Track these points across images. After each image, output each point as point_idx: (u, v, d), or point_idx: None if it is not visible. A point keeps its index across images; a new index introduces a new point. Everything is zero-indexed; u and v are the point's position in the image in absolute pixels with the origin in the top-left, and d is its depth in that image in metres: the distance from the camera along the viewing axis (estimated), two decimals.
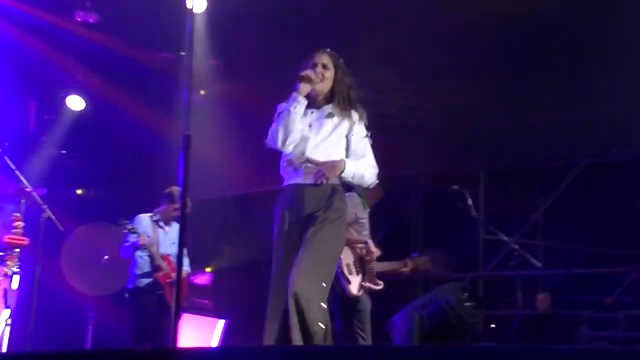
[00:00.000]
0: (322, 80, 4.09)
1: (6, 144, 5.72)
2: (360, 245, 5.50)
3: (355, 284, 5.36)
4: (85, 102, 8.32)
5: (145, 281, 6.50)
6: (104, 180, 9.26)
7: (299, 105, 4.01)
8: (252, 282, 8.18)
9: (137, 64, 7.78)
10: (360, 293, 5.38)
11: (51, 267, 7.39)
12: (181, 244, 3.15)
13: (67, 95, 8.29)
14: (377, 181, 4.24)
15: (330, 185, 3.98)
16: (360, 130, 4.15)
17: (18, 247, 5.23)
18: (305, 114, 4.08)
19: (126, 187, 9.04)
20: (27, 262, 5.55)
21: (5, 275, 5.23)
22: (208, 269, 9.87)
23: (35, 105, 8.70)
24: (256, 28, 7.22)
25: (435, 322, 6.37)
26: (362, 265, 5.47)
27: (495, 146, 8.89)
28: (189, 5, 3.53)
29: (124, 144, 8.83)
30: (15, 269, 5.25)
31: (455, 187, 7.06)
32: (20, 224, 5.35)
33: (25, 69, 7.98)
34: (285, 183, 4.10)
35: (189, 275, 7.08)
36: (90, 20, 7.32)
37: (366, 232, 5.59)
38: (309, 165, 4.01)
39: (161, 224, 6.68)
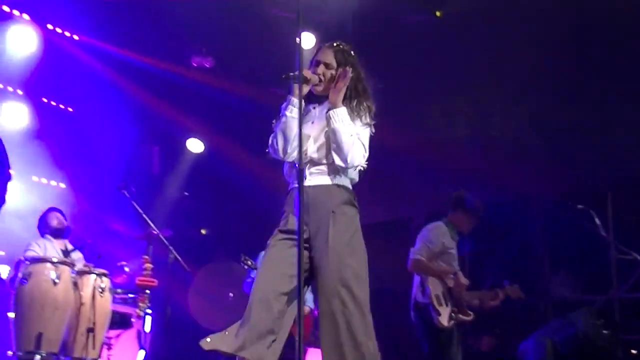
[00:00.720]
0: (322, 81, 3.69)
1: (133, 189, 5.94)
2: (450, 275, 5.41)
3: (445, 315, 5.29)
4: (204, 144, 8.59)
5: None
6: (225, 219, 9.47)
7: (295, 108, 3.57)
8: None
9: (251, 103, 7.97)
10: (450, 324, 5.28)
11: (180, 306, 7.60)
12: (300, 278, 3.12)
13: (188, 138, 8.59)
14: (364, 166, 3.67)
15: (335, 187, 3.60)
16: (356, 117, 3.65)
17: (148, 289, 5.40)
18: (308, 111, 3.72)
19: (246, 225, 9.21)
20: (158, 303, 5.72)
21: (138, 316, 5.41)
22: None
23: (158, 150, 9.06)
24: (363, 62, 7.26)
25: (569, 348, 6.13)
26: (451, 295, 5.37)
27: (622, 161, 8.51)
28: (298, 41, 3.55)
29: (243, 183, 9.03)
30: (147, 310, 5.42)
31: (580, 206, 6.76)
32: (149, 265, 5.53)
33: (148, 115, 8.35)
34: (290, 186, 3.73)
35: (312, 310, 7.09)
36: (206, 65, 7.58)
37: (455, 263, 5.49)
38: (313, 166, 3.63)
39: None
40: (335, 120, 3.56)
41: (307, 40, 7.09)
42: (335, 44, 3.79)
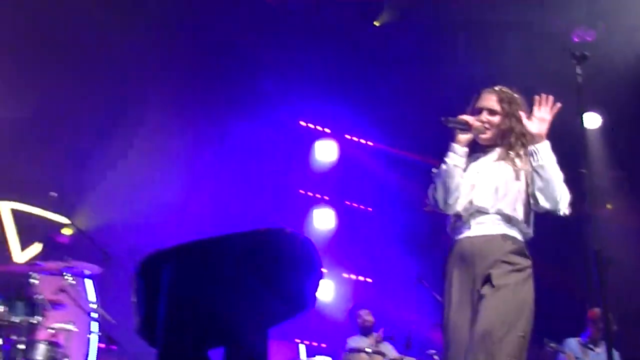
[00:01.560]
0: (488, 129, 3.45)
1: (430, 279, 6.26)
2: None
3: None
4: None
5: None
6: None
7: (458, 157, 3.38)
8: None
9: None
10: None
11: None
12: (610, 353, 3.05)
13: None
14: (569, 208, 3.33)
15: (504, 236, 3.32)
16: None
17: None
18: (472, 158, 3.46)
19: (546, 306, 9.01)
20: None
21: None
22: None
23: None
24: None
25: None
26: None
27: None
28: (583, 123, 3.69)
29: (543, 268, 8.93)
30: None
31: None
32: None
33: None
34: (454, 238, 3.43)
35: None
36: None
37: None
38: (480, 216, 3.36)
39: (590, 345, 6.61)
40: (542, 156, 3.28)
41: (592, 121, 7.10)
42: (497, 88, 3.53)
